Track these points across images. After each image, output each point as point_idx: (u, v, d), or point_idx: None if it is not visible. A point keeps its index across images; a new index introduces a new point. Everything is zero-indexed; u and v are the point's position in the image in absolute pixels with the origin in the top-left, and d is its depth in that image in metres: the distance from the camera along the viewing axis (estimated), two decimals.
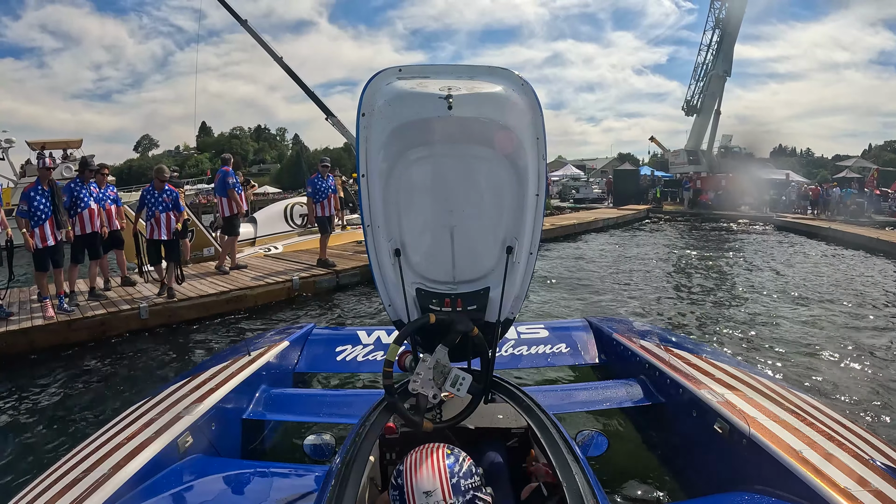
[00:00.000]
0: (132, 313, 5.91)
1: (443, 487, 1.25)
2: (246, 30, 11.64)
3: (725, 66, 25.20)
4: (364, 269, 8.02)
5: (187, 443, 2.24)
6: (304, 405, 2.99)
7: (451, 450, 1.35)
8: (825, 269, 9.89)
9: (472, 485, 1.27)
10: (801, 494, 1.72)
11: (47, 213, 5.39)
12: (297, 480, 2.12)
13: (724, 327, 5.95)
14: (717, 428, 2.22)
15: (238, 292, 6.80)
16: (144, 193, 6.57)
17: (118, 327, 5.79)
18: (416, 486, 1.27)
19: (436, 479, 1.26)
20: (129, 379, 4.74)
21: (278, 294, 7.19)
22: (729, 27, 24.60)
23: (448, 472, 1.27)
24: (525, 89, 1.69)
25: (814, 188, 22.47)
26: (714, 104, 25.92)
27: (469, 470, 1.29)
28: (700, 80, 26.44)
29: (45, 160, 5.58)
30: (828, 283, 8.40)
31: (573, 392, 2.90)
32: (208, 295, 6.54)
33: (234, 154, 11.02)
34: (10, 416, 3.97)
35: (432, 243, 1.92)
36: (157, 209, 6.43)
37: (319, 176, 8.29)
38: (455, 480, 1.26)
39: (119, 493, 1.83)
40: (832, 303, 7.07)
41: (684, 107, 27.60)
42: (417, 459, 1.31)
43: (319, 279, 7.75)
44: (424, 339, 1.92)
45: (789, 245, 13.58)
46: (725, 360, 3.15)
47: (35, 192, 5.37)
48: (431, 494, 1.25)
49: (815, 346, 5.22)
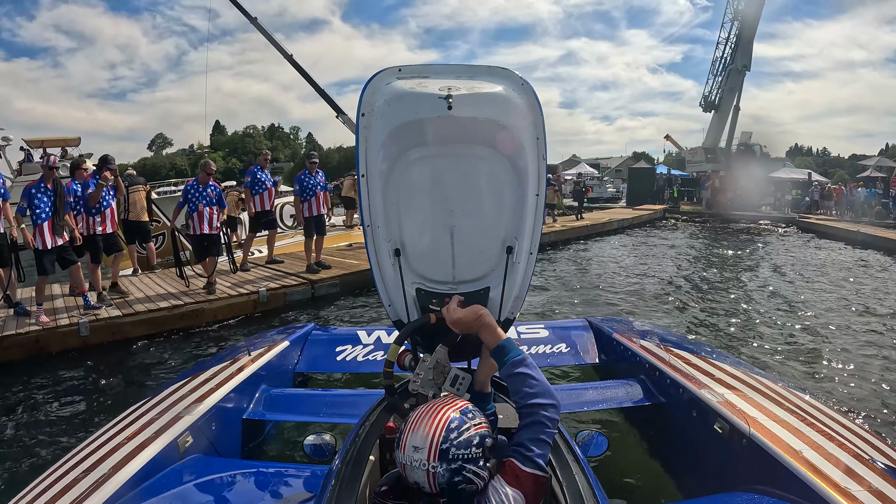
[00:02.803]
0: (71, 329, 5.27)
1: (430, 448, 1.22)
2: (256, 27, 11.67)
3: (744, 60, 24.29)
4: (344, 280, 7.40)
5: (187, 443, 2.24)
6: (304, 405, 2.99)
7: (466, 412, 1.30)
8: (868, 280, 8.82)
9: (465, 455, 1.23)
10: (801, 494, 1.72)
11: (48, 213, 5.31)
12: (297, 480, 2.12)
13: (783, 355, 4.99)
14: (717, 428, 2.22)
15: (194, 306, 6.03)
16: (188, 188, 6.55)
17: (55, 345, 5.16)
18: (409, 437, 1.25)
19: (428, 437, 1.23)
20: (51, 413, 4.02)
21: (242, 308, 6.38)
22: (748, 19, 23.69)
23: (443, 435, 1.23)
24: (525, 89, 1.69)
25: (837, 188, 21.67)
26: (733, 100, 25.01)
27: (468, 440, 1.24)
28: (718, 74, 25.52)
29: (50, 159, 5.53)
30: (876, 294, 7.57)
31: (573, 392, 2.90)
32: (159, 309, 5.85)
33: (257, 153, 10.89)
34: None
35: (432, 243, 1.92)
36: (201, 203, 6.39)
37: (307, 172, 7.58)
38: (446, 446, 1.22)
39: (119, 493, 1.83)
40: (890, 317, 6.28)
41: (702, 103, 26.73)
42: (428, 410, 1.29)
43: (291, 290, 6.86)
44: (424, 339, 1.92)
45: (816, 248, 12.87)
46: (725, 360, 3.14)
47: (37, 191, 5.27)
48: (418, 451, 1.22)
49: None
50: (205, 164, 6.72)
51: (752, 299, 7.51)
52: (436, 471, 1.21)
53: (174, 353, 5.38)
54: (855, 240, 13.54)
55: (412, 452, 1.23)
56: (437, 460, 1.21)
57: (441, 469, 1.21)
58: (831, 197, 21.00)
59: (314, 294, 7.04)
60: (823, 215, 20.06)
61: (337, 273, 7.49)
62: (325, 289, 7.17)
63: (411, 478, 1.24)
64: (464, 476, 1.22)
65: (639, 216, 19.40)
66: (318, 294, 7.07)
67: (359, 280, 7.51)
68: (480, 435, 1.27)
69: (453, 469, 1.21)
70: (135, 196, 7.64)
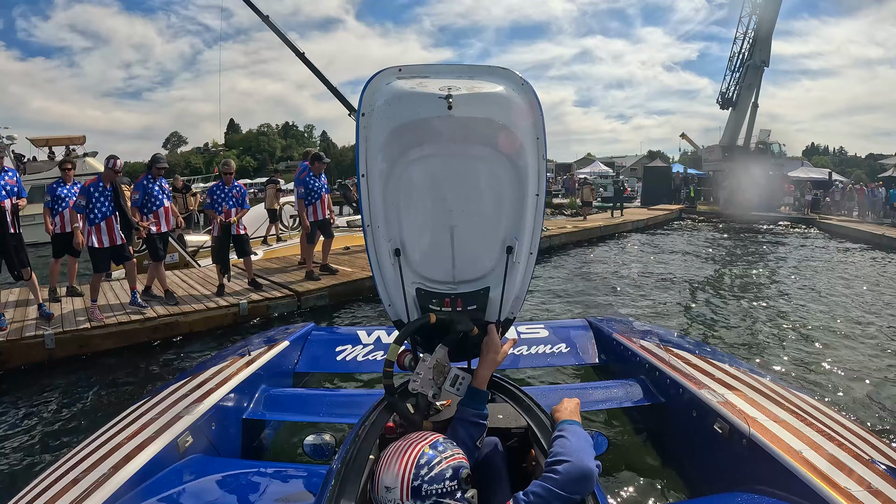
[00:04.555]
0: (35, 342, 4.92)
1: (402, 487, 1.20)
2: (268, 25, 11.73)
3: (763, 55, 23.33)
4: (334, 290, 6.91)
5: (187, 443, 2.24)
6: (304, 405, 2.99)
7: (436, 446, 1.28)
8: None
9: (439, 490, 1.21)
10: (801, 494, 1.72)
11: (105, 212, 5.41)
12: (297, 480, 2.12)
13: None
14: (717, 428, 2.22)
15: (168, 319, 5.65)
16: (214, 189, 6.47)
17: (17, 357, 4.80)
18: (381, 478, 1.24)
19: (398, 476, 1.22)
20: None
21: (220, 320, 5.96)
22: (766, 14, 22.91)
23: (413, 473, 1.21)
24: (525, 89, 1.69)
25: (859, 188, 21.15)
26: (751, 97, 24.08)
27: (440, 474, 1.22)
28: (736, 70, 24.49)
29: (114, 162, 5.62)
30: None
31: (573, 392, 2.89)
32: (130, 322, 5.47)
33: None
34: None
35: (432, 243, 1.92)
36: (227, 204, 6.34)
37: (311, 174, 7.06)
38: (417, 483, 1.20)
39: (119, 493, 1.83)
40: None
41: (719, 100, 25.64)
42: (397, 449, 1.28)
43: (274, 303, 6.40)
44: (424, 338, 1.92)
45: (840, 251, 12.43)
46: (725, 360, 3.15)
47: (95, 190, 5.40)
48: (390, 491, 1.21)
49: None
50: (225, 163, 6.60)
51: (778, 312, 6.91)
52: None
53: (142, 369, 4.97)
54: (880, 243, 13.17)
55: (385, 493, 1.22)
56: (409, 498, 1.20)
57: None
58: (853, 197, 20.47)
59: (300, 307, 6.58)
60: (845, 216, 19.52)
61: (326, 284, 7.00)
62: (312, 301, 6.68)
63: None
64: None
65: (654, 216, 18.87)
66: (306, 307, 6.60)
67: (349, 290, 7.13)
68: (453, 467, 1.25)
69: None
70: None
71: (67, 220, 5.97)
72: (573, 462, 1.30)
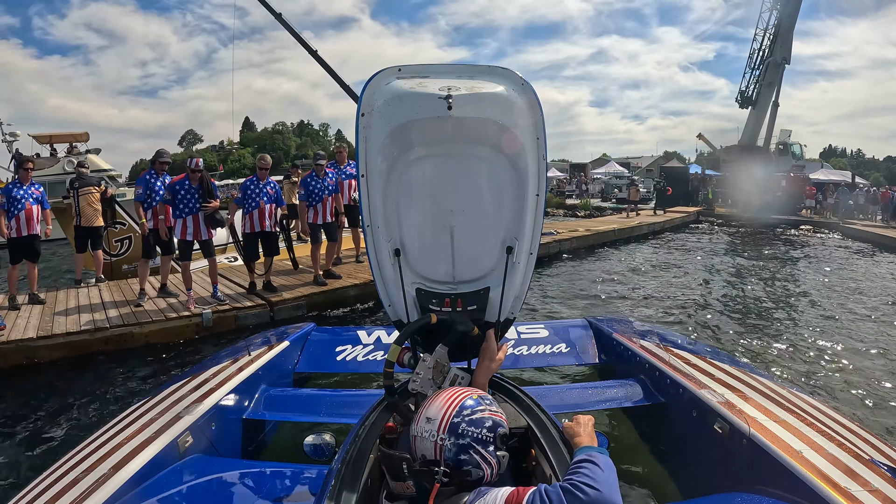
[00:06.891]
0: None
1: (442, 420, 1.23)
2: (281, 23, 11.70)
3: (784, 51, 22.60)
4: (311, 301, 6.35)
5: (187, 443, 2.25)
6: (304, 405, 2.99)
7: (484, 398, 1.30)
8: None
9: (476, 435, 1.22)
10: (801, 494, 1.72)
11: (191, 208, 5.63)
12: (297, 480, 2.13)
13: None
14: (717, 428, 2.22)
15: (121, 329, 5.23)
16: (248, 184, 6.27)
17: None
18: (425, 410, 1.27)
19: (441, 409, 1.25)
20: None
21: (180, 332, 5.48)
22: (787, 7, 22.25)
23: (456, 410, 1.23)
24: (525, 89, 1.69)
25: (884, 191, 20.33)
26: (771, 95, 23.32)
27: (481, 420, 1.24)
28: (756, 68, 23.73)
29: (195, 161, 5.71)
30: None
31: (573, 392, 2.90)
32: (79, 332, 5.09)
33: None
34: None
35: (432, 243, 1.92)
36: (262, 199, 6.17)
37: (314, 175, 6.72)
38: (457, 420, 1.22)
39: (119, 493, 1.83)
40: None
41: (738, 98, 24.81)
42: (448, 390, 1.32)
43: (243, 313, 5.84)
44: (424, 338, 1.92)
45: (862, 257, 11.78)
46: (725, 360, 3.15)
47: (180, 187, 5.61)
48: (430, 422, 1.24)
49: None
50: (261, 158, 6.42)
51: (798, 322, 6.38)
52: (444, 443, 1.21)
53: (91, 383, 4.55)
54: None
55: (424, 423, 1.25)
56: (446, 432, 1.21)
57: (449, 443, 1.21)
58: (877, 201, 19.75)
59: (273, 317, 5.95)
60: (868, 220, 18.80)
61: (303, 293, 6.44)
62: (287, 311, 6.07)
63: (419, 450, 1.24)
64: (471, 456, 1.21)
65: (671, 219, 18.07)
66: (279, 317, 5.95)
67: (330, 300, 6.53)
68: (494, 421, 1.27)
69: (461, 445, 1.21)
70: (86, 199, 6.89)
71: (24, 223, 5.72)
72: (603, 493, 1.22)
